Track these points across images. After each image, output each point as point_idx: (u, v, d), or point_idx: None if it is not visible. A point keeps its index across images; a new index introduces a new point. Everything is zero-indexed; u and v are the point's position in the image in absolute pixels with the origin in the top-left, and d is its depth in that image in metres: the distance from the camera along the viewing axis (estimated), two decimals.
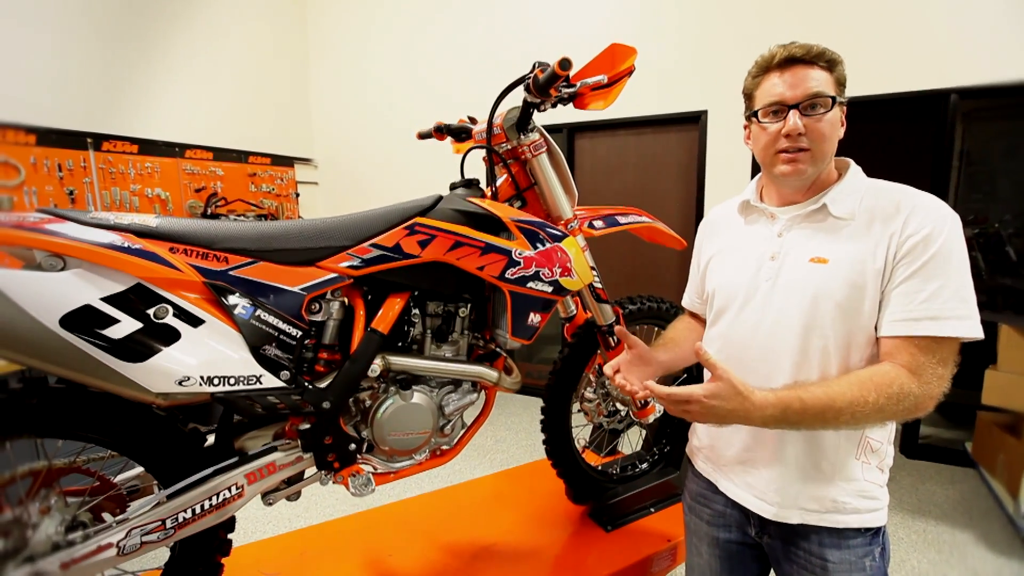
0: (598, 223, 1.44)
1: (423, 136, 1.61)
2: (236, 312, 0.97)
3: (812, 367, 0.89)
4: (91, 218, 0.91)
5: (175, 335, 0.91)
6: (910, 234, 0.82)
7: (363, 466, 1.17)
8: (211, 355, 0.93)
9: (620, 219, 1.48)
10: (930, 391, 0.80)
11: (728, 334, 1.00)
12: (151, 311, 0.90)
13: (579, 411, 1.67)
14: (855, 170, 0.95)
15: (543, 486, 1.79)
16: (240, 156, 4.25)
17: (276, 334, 1.01)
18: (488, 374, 1.28)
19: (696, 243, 1.19)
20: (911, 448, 3.25)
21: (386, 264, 1.10)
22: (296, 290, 1.04)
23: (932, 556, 2.32)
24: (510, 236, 1.20)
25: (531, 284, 1.21)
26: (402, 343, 1.20)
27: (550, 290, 1.23)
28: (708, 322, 1.09)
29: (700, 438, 1.12)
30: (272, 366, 1.00)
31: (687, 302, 1.24)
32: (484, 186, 1.32)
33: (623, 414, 1.70)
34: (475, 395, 1.31)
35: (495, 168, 1.31)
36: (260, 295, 1.01)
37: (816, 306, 0.87)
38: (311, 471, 1.14)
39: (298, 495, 1.17)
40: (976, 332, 0.80)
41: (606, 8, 3.85)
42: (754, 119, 0.93)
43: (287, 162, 4.67)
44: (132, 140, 3.50)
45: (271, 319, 1.00)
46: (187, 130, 3.85)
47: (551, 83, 1.12)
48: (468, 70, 4.33)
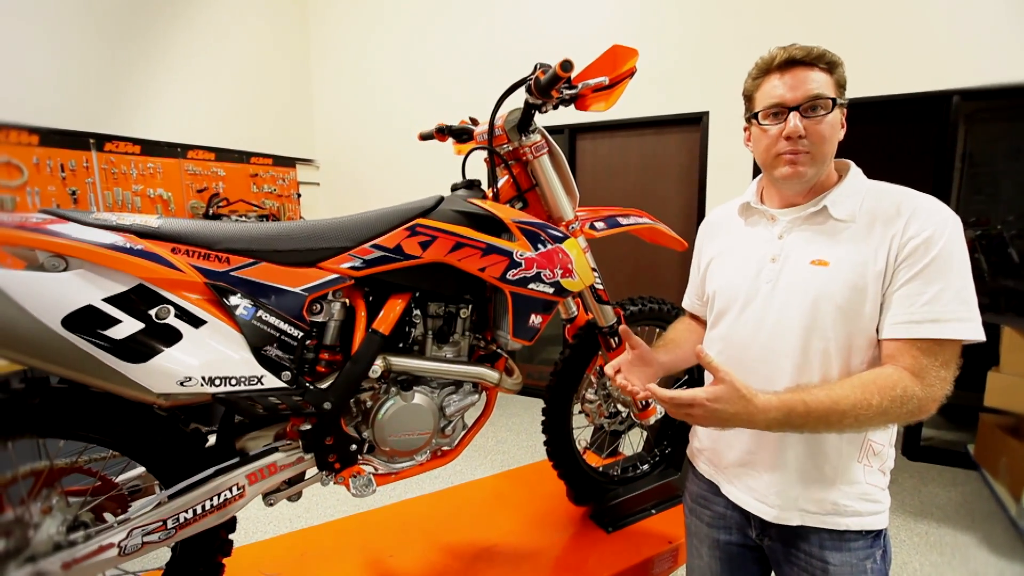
0: (599, 224, 1.44)
1: (424, 137, 1.62)
2: (237, 313, 0.97)
3: (813, 369, 0.88)
4: (93, 219, 0.91)
5: (177, 336, 0.91)
6: (911, 237, 0.82)
7: (364, 467, 1.17)
8: (212, 356, 0.94)
9: (621, 220, 1.49)
10: (933, 393, 0.80)
11: (729, 336, 1.00)
12: (153, 312, 0.90)
13: (580, 412, 1.67)
14: (855, 172, 0.94)
15: (544, 487, 1.79)
16: (242, 157, 4.26)
17: (277, 335, 1.01)
18: (489, 375, 1.28)
19: (696, 245, 1.19)
20: (913, 450, 3.25)
21: (387, 265, 1.10)
22: (297, 291, 1.04)
23: (934, 558, 2.32)
24: (511, 237, 1.20)
25: (532, 285, 1.21)
26: (403, 344, 1.20)
27: (551, 291, 1.23)
28: (708, 324, 1.09)
29: (701, 440, 1.11)
30: (273, 367, 1.00)
31: (687, 303, 1.24)
32: (485, 187, 1.32)
33: (624, 415, 1.70)
34: (476, 396, 1.31)
35: (496, 169, 1.31)
36: (261, 296, 1.01)
37: (817, 308, 0.87)
38: (312, 472, 1.14)
39: (299, 496, 1.17)
40: (978, 334, 0.80)
41: (606, 9, 3.85)
42: (754, 121, 0.93)
43: (289, 163, 4.68)
44: (134, 141, 3.51)
45: (272, 320, 1.01)
46: (189, 131, 3.86)
47: (553, 84, 1.12)
48: (469, 71, 4.33)
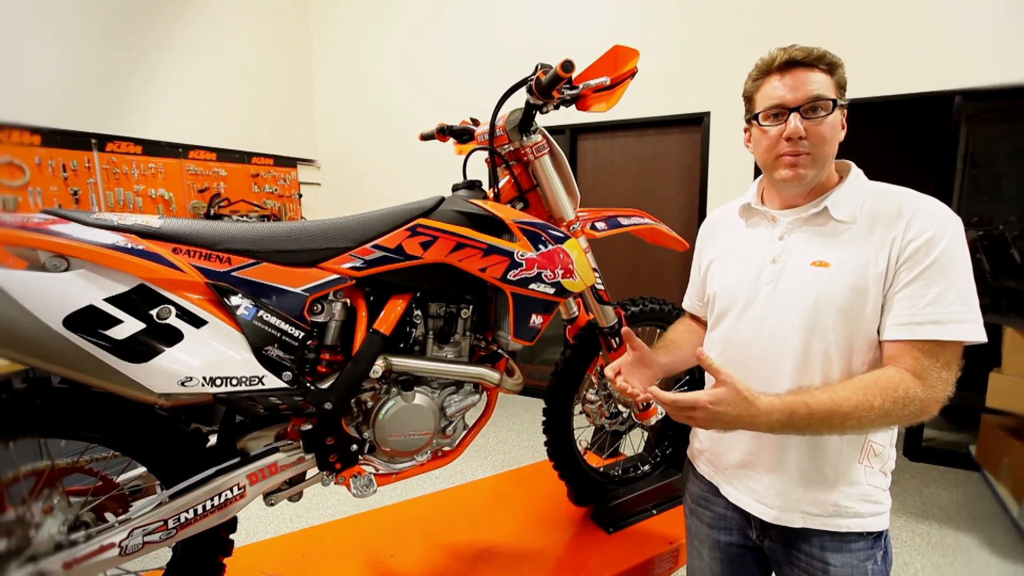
0: (600, 225, 1.44)
1: (425, 137, 1.61)
2: (238, 313, 0.97)
3: (814, 371, 0.88)
4: (95, 219, 0.91)
5: (178, 336, 0.91)
6: (912, 238, 0.82)
7: (365, 467, 1.17)
8: (213, 356, 0.94)
9: (622, 221, 1.48)
10: (935, 395, 0.80)
11: (729, 337, 1.00)
12: (154, 312, 0.90)
13: (581, 413, 1.66)
14: (856, 173, 0.94)
15: (545, 488, 1.78)
16: (243, 157, 4.26)
17: (278, 335, 1.01)
18: (490, 375, 1.28)
19: (696, 246, 1.18)
20: (915, 451, 3.24)
21: (388, 265, 1.10)
22: (298, 291, 1.04)
23: (935, 559, 2.31)
24: (512, 238, 1.20)
25: (533, 286, 1.21)
26: (404, 344, 1.20)
27: (552, 292, 1.23)
28: (709, 325, 1.09)
29: (701, 441, 1.11)
30: (274, 367, 1.00)
31: (688, 304, 1.23)
32: (486, 188, 1.32)
33: (625, 416, 1.70)
34: (477, 396, 1.31)
35: (497, 170, 1.31)
36: (262, 296, 1.01)
37: (818, 310, 0.87)
38: (313, 472, 1.14)
39: (300, 496, 1.17)
40: (979, 336, 0.80)
41: (607, 9, 3.85)
42: (754, 122, 0.93)
43: (290, 163, 4.69)
44: (136, 141, 3.51)
45: (273, 320, 1.01)
46: (190, 131, 3.87)
47: (554, 85, 1.12)
48: (470, 71, 4.34)
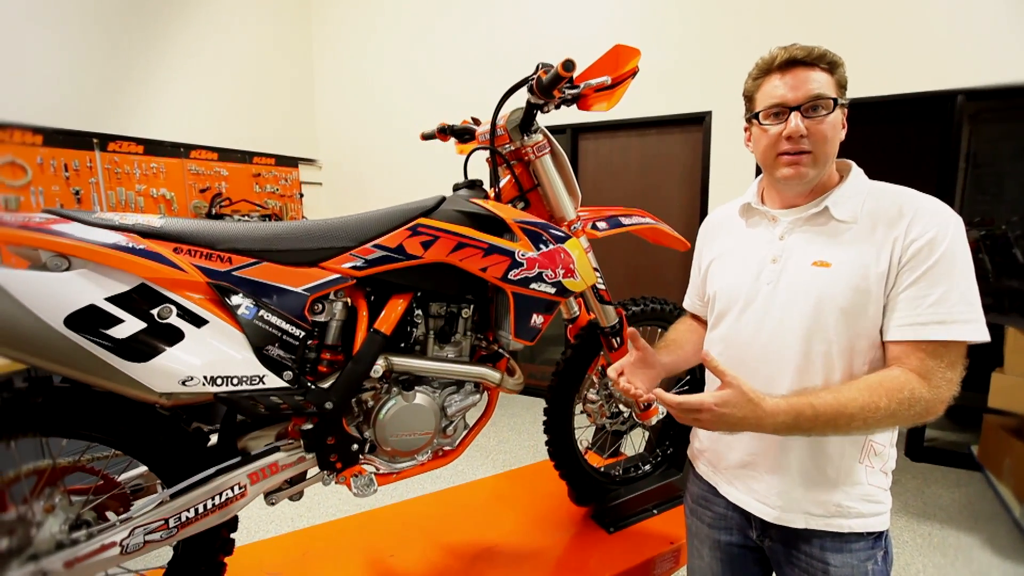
0: (601, 224, 1.44)
1: (427, 137, 1.61)
2: (239, 312, 0.98)
3: (815, 371, 0.88)
4: (96, 218, 0.91)
5: (179, 335, 0.92)
6: (914, 238, 0.81)
7: (365, 466, 1.17)
8: (214, 355, 0.94)
9: (623, 220, 1.48)
10: (940, 395, 0.80)
11: (729, 337, 1.00)
12: (155, 311, 0.90)
13: (582, 412, 1.66)
14: (857, 172, 0.94)
15: (545, 487, 1.78)
16: (244, 156, 4.26)
17: (279, 334, 1.01)
18: (491, 375, 1.28)
19: (697, 245, 1.18)
20: (916, 451, 3.24)
21: (389, 265, 1.10)
22: (299, 291, 1.04)
23: (937, 560, 2.31)
24: (513, 237, 1.20)
25: (534, 285, 1.20)
26: (405, 344, 1.20)
27: (553, 291, 1.23)
28: (709, 325, 1.09)
29: (701, 441, 1.11)
30: (275, 366, 1.00)
31: (688, 304, 1.23)
32: (487, 187, 1.32)
33: (626, 416, 1.69)
34: (477, 396, 1.31)
35: (498, 169, 1.31)
36: (263, 295, 1.01)
37: (819, 310, 0.87)
38: (313, 471, 1.14)
39: (300, 495, 1.17)
40: (983, 335, 0.80)
41: (608, 9, 3.84)
42: (755, 121, 0.92)
43: (291, 162, 4.69)
44: (138, 140, 3.52)
45: (274, 319, 1.01)
46: (192, 131, 3.87)
47: (555, 84, 1.12)
48: (471, 71, 4.33)
